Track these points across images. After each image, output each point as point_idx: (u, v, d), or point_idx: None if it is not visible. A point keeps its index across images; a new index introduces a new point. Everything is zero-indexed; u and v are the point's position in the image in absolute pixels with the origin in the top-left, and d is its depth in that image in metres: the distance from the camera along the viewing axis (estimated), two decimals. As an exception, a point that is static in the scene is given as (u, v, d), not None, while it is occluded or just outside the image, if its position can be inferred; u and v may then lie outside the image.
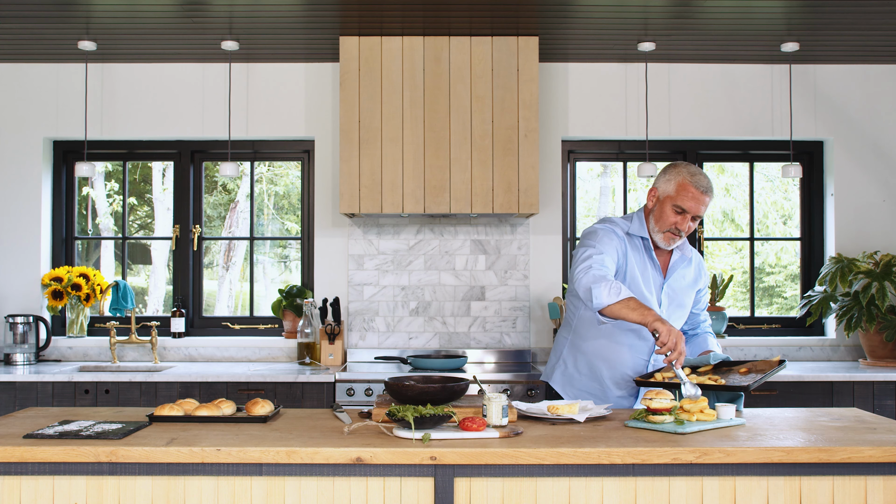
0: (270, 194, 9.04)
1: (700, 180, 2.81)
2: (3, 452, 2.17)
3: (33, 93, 4.78)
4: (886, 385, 4.07)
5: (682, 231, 2.85)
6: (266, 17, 4.06)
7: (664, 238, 2.88)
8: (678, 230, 2.85)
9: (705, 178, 2.83)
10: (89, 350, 4.70)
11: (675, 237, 2.87)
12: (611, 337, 2.92)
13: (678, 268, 2.97)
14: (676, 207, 2.83)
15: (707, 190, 2.82)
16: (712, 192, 2.84)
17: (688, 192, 2.81)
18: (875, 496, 2.21)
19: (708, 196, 2.82)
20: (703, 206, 2.82)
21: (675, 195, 2.83)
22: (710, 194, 2.83)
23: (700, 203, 2.81)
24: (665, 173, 2.90)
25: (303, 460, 2.16)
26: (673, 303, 2.96)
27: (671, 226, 2.85)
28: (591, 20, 4.11)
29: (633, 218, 2.97)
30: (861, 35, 4.30)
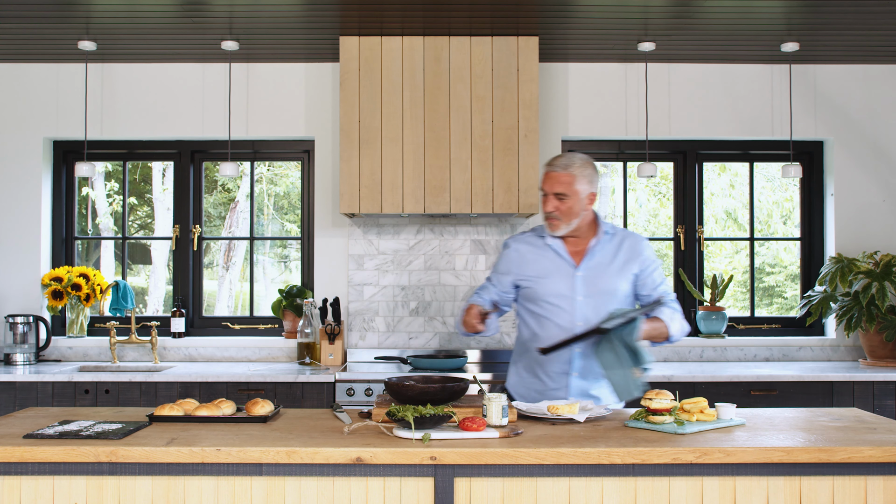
0: (270, 194, 9.04)
1: (555, 161, 2.96)
2: (3, 452, 2.17)
3: (33, 93, 4.78)
4: (886, 385, 4.07)
5: (549, 212, 2.95)
6: (266, 17, 4.06)
7: (547, 226, 3.00)
8: (547, 213, 2.96)
9: (562, 158, 2.96)
10: (89, 350, 4.71)
11: (551, 220, 2.96)
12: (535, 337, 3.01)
13: (594, 253, 2.99)
14: (541, 191, 2.99)
15: (556, 167, 2.93)
16: (567, 169, 2.92)
17: (545, 175, 2.97)
18: (875, 496, 2.21)
19: (558, 172, 2.92)
20: (557, 182, 2.91)
21: (541, 182, 3.00)
22: (560, 170, 2.92)
23: (553, 180, 2.92)
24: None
25: (303, 460, 2.16)
26: (593, 288, 2.96)
27: (545, 211, 2.98)
28: (591, 20, 4.11)
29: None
30: (861, 35, 4.30)
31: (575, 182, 2.91)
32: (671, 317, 2.93)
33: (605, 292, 2.96)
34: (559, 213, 2.93)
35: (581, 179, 2.92)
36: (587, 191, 2.95)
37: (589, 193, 2.96)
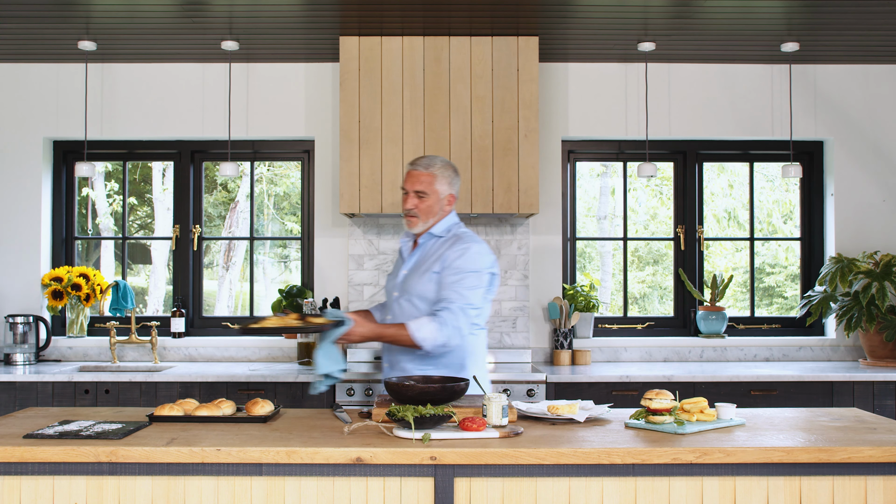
0: (270, 194, 9.04)
1: (417, 160, 3.07)
2: (3, 452, 2.17)
3: (33, 93, 4.78)
4: (886, 385, 4.07)
5: (408, 209, 3.03)
6: (266, 17, 4.06)
7: (405, 223, 3.08)
8: (405, 209, 3.04)
9: (426, 158, 3.07)
10: (89, 350, 4.70)
11: (409, 217, 3.05)
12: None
13: (418, 252, 3.07)
14: (402, 189, 3.09)
15: (417, 165, 3.05)
16: (427, 168, 3.03)
17: (407, 173, 3.08)
18: (875, 496, 2.21)
19: (419, 170, 3.03)
20: (416, 179, 3.02)
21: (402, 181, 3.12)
22: (420, 168, 3.03)
23: (414, 179, 3.03)
24: None
25: (303, 460, 2.16)
26: (404, 285, 3.03)
27: (404, 209, 3.06)
28: (591, 20, 4.11)
29: None
30: (861, 35, 4.30)
31: (435, 181, 3.03)
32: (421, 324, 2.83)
33: (413, 293, 2.99)
34: (418, 210, 3.03)
35: (441, 180, 3.04)
36: (447, 192, 3.06)
37: (448, 195, 3.07)
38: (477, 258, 2.95)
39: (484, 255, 2.98)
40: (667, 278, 8.43)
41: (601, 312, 5.77)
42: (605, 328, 4.90)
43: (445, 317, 2.84)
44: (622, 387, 4.05)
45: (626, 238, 5.05)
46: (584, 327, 4.74)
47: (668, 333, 4.88)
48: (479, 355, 3.06)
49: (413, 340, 2.82)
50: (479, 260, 2.95)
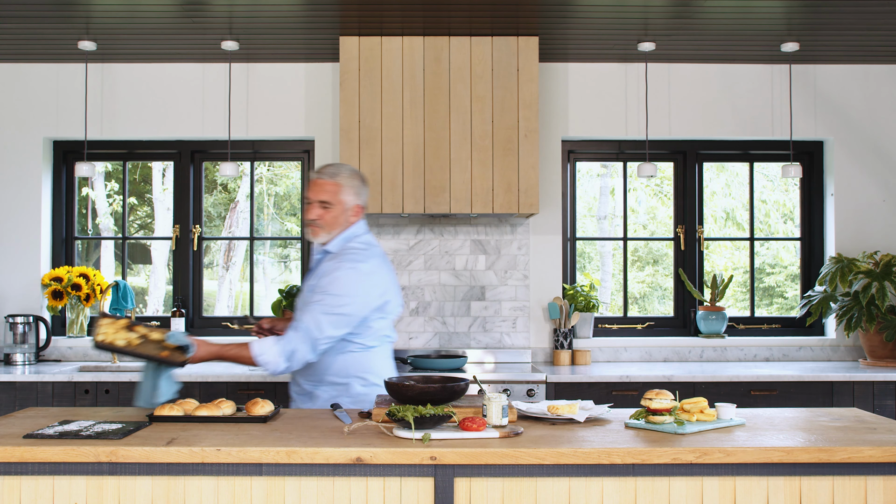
0: (270, 194, 9.04)
1: (323, 169, 2.97)
2: (3, 452, 2.17)
3: (33, 93, 4.78)
4: (886, 385, 4.07)
5: (312, 219, 2.94)
6: (266, 17, 4.06)
7: (309, 232, 2.99)
8: (309, 219, 2.95)
9: (332, 166, 2.98)
10: (89, 350, 4.70)
11: (312, 227, 2.96)
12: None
13: (315, 269, 3.00)
14: (306, 199, 2.98)
15: (322, 175, 2.95)
16: (332, 177, 2.94)
17: (311, 182, 2.98)
18: (875, 496, 2.21)
19: (323, 179, 2.94)
20: (320, 189, 2.93)
21: (307, 190, 2.99)
22: (325, 177, 2.94)
23: (319, 188, 2.94)
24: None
25: (303, 460, 2.16)
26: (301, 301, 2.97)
27: (308, 218, 2.97)
28: (591, 20, 4.11)
29: None
30: (861, 35, 4.30)
31: (341, 192, 2.93)
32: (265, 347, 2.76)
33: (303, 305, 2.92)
34: (322, 221, 2.93)
35: (347, 190, 2.94)
36: (353, 202, 2.96)
37: (354, 205, 2.97)
38: (345, 284, 2.81)
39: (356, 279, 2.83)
40: (667, 278, 8.43)
41: (601, 312, 5.78)
42: (605, 328, 4.90)
43: (290, 338, 2.78)
44: (622, 387, 4.05)
45: (626, 238, 5.05)
46: (584, 327, 4.74)
47: (668, 333, 4.88)
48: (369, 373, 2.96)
49: (255, 363, 2.74)
50: (347, 284, 2.81)
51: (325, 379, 2.96)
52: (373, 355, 2.99)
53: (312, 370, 2.97)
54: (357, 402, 2.95)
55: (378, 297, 2.90)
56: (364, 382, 2.97)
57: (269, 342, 2.77)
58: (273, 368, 2.77)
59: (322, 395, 2.98)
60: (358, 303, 2.84)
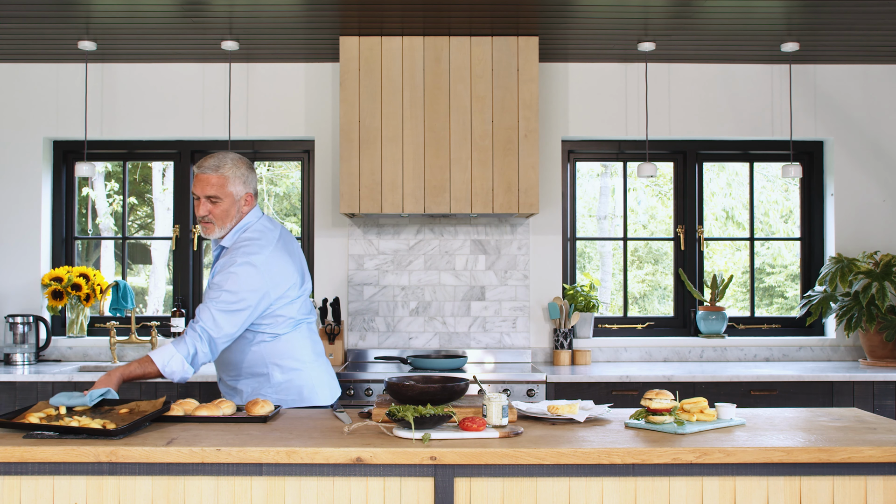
0: (270, 194, 9.04)
1: (203, 162, 2.86)
2: (3, 452, 2.17)
3: (33, 93, 4.78)
4: (886, 385, 4.07)
5: (203, 215, 2.86)
6: (266, 17, 4.06)
7: (201, 230, 2.92)
8: (199, 216, 2.88)
9: (214, 158, 2.86)
10: (89, 350, 4.70)
11: (204, 223, 2.88)
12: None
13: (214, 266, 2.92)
14: (193, 195, 2.91)
15: (206, 169, 2.84)
16: (217, 170, 2.84)
17: (195, 177, 2.88)
18: (875, 496, 2.21)
19: (208, 174, 2.84)
20: (208, 185, 2.84)
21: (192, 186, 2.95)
22: (211, 172, 2.84)
23: (204, 183, 2.84)
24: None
25: (303, 460, 2.16)
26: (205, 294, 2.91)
27: (198, 215, 2.89)
28: (591, 20, 4.11)
29: None
30: (861, 35, 4.30)
31: (228, 184, 2.85)
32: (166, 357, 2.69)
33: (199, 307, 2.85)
34: (212, 216, 2.86)
35: (234, 181, 2.86)
36: (242, 192, 2.88)
37: (245, 194, 2.90)
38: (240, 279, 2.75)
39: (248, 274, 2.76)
40: (667, 278, 8.43)
41: (601, 312, 5.77)
42: (605, 328, 4.90)
43: (189, 339, 2.72)
44: (622, 387, 4.05)
45: (626, 238, 5.05)
46: (584, 327, 4.74)
47: (668, 333, 4.88)
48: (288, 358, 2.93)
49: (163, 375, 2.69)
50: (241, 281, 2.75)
51: (244, 371, 2.93)
52: (287, 341, 2.92)
53: (230, 365, 2.94)
54: (280, 391, 2.91)
55: (278, 286, 2.83)
56: (282, 370, 2.91)
57: (169, 350, 2.69)
58: (181, 376, 2.70)
59: (245, 389, 2.95)
60: (255, 297, 2.77)
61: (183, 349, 2.70)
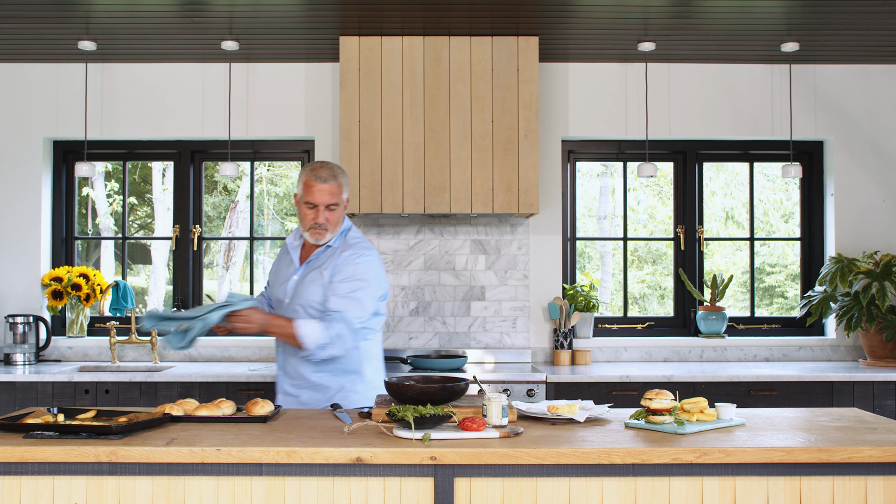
0: (271, 195, 9.04)
1: (320, 173, 2.97)
2: (3, 452, 2.17)
3: (33, 93, 4.78)
4: (886, 385, 4.07)
5: (321, 223, 2.98)
6: (266, 17, 4.06)
7: (311, 234, 3.02)
8: (317, 223, 2.98)
9: (327, 170, 2.99)
10: (89, 350, 4.71)
11: (318, 230, 3.00)
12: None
13: (314, 263, 3.03)
14: (308, 204, 2.99)
15: (328, 179, 2.97)
16: (338, 180, 2.99)
17: (311, 188, 2.97)
18: (875, 496, 2.21)
19: (330, 184, 2.96)
20: (328, 195, 2.96)
21: (304, 194, 2.99)
22: (331, 181, 2.97)
23: (324, 193, 2.96)
24: (299, 178, 3.07)
25: (303, 460, 2.16)
26: (298, 298, 3.01)
27: (311, 221, 2.99)
28: (591, 20, 4.11)
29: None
30: (861, 35, 4.30)
31: (342, 191, 3.01)
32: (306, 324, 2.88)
33: (304, 302, 2.99)
34: (328, 223, 2.99)
35: (345, 188, 3.03)
36: (346, 197, 3.06)
37: (347, 199, 3.08)
38: (367, 268, 2.96)
39: (374, 265, 3.00)
40: (667, 278, 8.43)
41: (601, 312, 5.77)
42: (605, 328, 4.90)
43: (331, 325, 2.88)
44: (622, 387, 4.05)
45: (626, 238, 5.05)
46: (584, 327, 4.74)
47: (668, 333, 4.88)
48: (376, 359, 3.13)
49: (297, 336, 2.86)
50: (369, 270, 2.96)
51: (339, 367, 3.01)
52: (376, 340, 3.14)
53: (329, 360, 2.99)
54: (372, 389, 3.03)
55: (385, 283, 3.08)
56: (374, 369, 3.09)
57: (314, 324, 2.87)
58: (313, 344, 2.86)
59: (332, 385, 3.01)
60: (380, 289, 3.02)
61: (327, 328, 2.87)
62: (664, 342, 4.74)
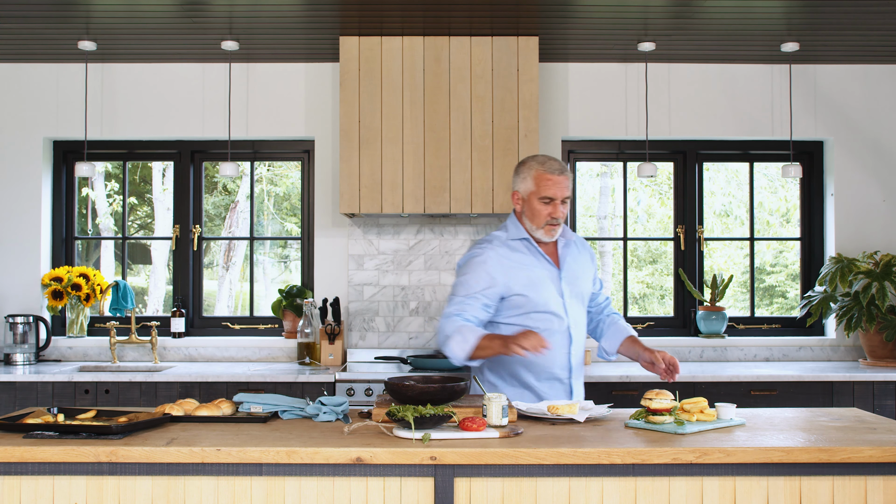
0: (271, 195, 9.04)
1: (552, 165, 2.86)
2: (3, 452, 2.17)
3: (33, 93, 4.78)
4: (886, 385, 4.07)
5: (559, 218, 2.87)
6: (266, 17, 4.06)
7: (546, 232, 2.88)
8: (554, 219, 2.86)
9: (556, 161, 2.89)
10: (89, 350, 4.71)
11: (554, 227, 2.88)
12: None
13: (567, 255, 2.97)
14: (544, 199, 2.84)
15: (562, 170, 2.87)
16: (568, 173, 2.89)
17: (547, 180, 2.84)
18: (875, 496, 2.21)
19: (565, 175, 2.88)
20: (565, 187, 2.87)
21: (537, 189, 2.84)
22: (566, 173, 2.88)
23: (561, 185, 2.86)
24: (518, 173, 2.93)
25: (303, 460, 2.16)
26: (574, 289, 2.96)
27: (546, 217, 2.85)
28: (591, 20, 4.11)
29: (507, 226, 2.97)
30: (861, 35, 4.30)
31: (570, 184, 2.92)
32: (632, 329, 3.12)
33: (580, 295, 2.99)
34: (562, 217, 2.88)
35: (571, 180, 2.96)
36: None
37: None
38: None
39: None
40: (667, 278, 8.43)
41: (601, 312, 5.76)
42: (605, 328, 4.89)
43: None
44: (622, 387, 4.05)
45: (626, 238, 5.05)
46: (584, 327, 4.73)
47: (668, 333, 4.88)
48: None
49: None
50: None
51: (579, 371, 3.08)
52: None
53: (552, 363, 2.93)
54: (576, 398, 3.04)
55: None
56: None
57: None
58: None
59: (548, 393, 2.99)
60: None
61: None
62: (664, 342, 4.73)
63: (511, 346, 2.60)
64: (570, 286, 2.94)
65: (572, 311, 2.93)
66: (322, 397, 2.63)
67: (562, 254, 2.97)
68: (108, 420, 2.45)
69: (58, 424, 2.31)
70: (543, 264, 2.92)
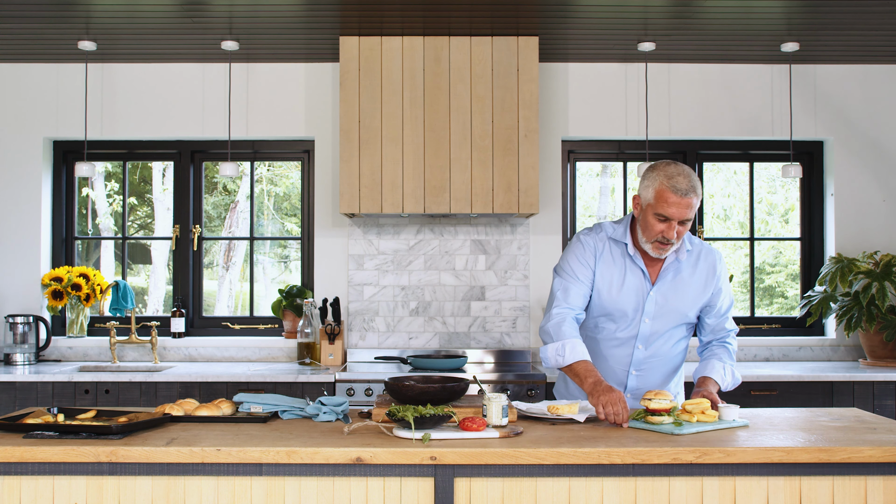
0: (271, 195, 9.04)
1: (679, 183, 2.56)
2: (3, 452, 2.17)
3: (33, 93, 4.78)
4: (886, 385, 4.07)
5: (671, 239, 2.62)
6: (266, 17, 4.06)
7: (653, 248, 2.67)
8: (665, 239, 2.63)
9: (685, 178, 2.57)
10: (89, 350, 4.70)
11: (664, 246, 2.65)
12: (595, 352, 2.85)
13: (670, 272, 2.75)
14: (659, 216, 2.60)
15: (688, 191, 2.56)
16: (696, 192, 2.58)
17: (667, 198, 2.57)
18: (875, 496, 2.21)
19: (690, 197, 2.57)
20: (687, 209, 2.57)
21: (655, 203, 2.59)
22: (692, 195, 2.57)
23: (684, 207, 2.57)
24: (645, 178, 2.67)
25: (303, 460, 2.16)
26: (662, 310, 2.76)
27: (657, 235, 2.63)
28: (591, 20, 4.11)
29: (622, 222, 2.81)
30: (861, 35, 4.30)
31: (696, 204, 2.61)
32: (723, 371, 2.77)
33: (672, 313, 2.77)
34: (677, 238, 2.64)
35: (699, 199, 2.62)
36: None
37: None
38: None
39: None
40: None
41: (601, 312, 5.76)
42: (605, 328, 4.89)
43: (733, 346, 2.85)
44: (622, 387, 4.05)
45: (626, 238, 5.04)
46: (584, 327, 4.73)
47: (668, 333, 4.87)
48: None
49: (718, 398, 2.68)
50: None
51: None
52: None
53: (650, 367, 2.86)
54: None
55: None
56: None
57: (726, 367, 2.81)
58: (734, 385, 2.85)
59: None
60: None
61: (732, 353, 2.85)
62: (664, 342, 4.73)
63: (592, 399, 2.52)
64: (659, 305, 2.75)
65: (646, 330, 2.76)
66: (322, 397, 2.64)
67: (665, 269, 2.75)
68: (108, 420, 2.45)
69: (58, 424, 2.31)
70: (631, 274, 2.75)
